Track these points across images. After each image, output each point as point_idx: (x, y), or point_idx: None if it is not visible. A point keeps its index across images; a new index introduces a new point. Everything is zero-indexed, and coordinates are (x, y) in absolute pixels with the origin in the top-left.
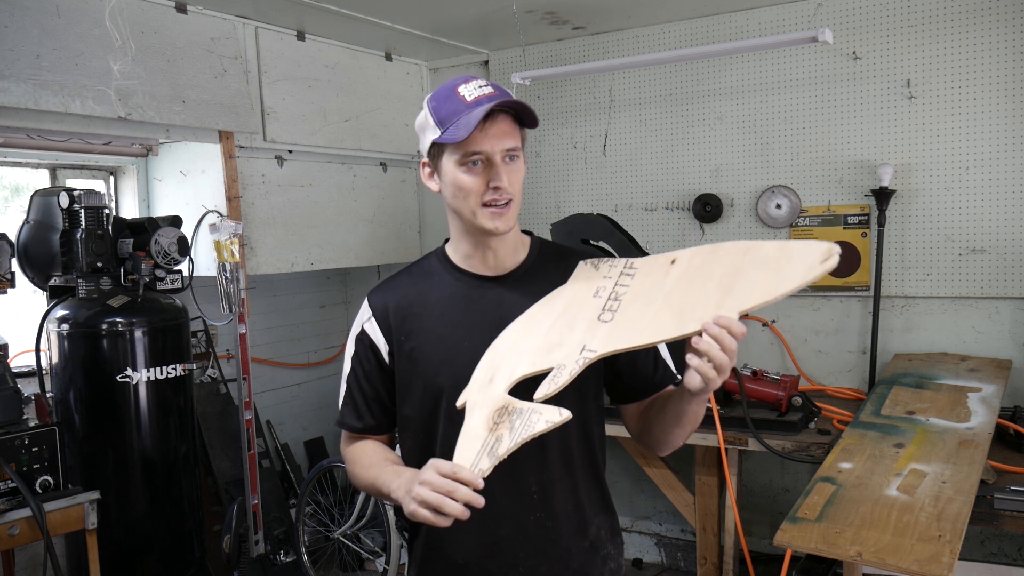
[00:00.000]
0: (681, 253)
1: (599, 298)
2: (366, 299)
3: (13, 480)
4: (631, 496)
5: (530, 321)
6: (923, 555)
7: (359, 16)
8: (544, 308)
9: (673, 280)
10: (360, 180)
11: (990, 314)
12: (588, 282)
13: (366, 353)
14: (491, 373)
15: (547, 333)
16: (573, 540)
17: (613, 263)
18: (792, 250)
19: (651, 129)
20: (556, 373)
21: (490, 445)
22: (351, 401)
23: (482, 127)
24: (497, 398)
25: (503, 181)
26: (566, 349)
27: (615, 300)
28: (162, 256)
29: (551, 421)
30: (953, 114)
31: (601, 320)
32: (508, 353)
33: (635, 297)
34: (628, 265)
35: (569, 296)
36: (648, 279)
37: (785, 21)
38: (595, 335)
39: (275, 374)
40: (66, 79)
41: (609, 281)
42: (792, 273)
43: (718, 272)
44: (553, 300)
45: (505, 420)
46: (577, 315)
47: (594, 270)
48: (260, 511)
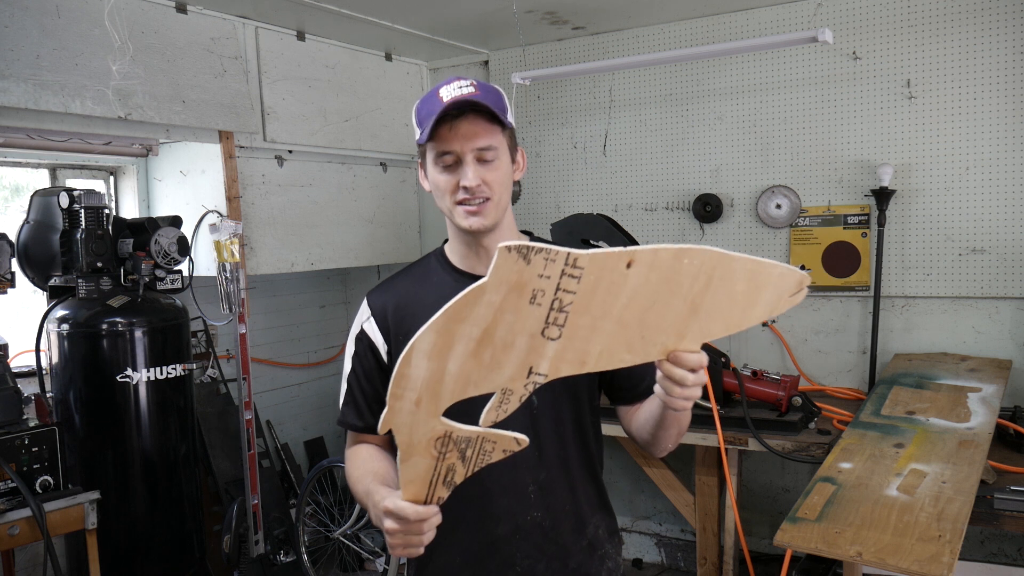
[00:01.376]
0: (639, 254)
1: (539, 306)
2: (365, 299)
3: (13, 480)
4: (631, 496)
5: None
6: (923, 555)
7: (359, 16)
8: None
9: (630, 292)
10: (360, 180)
11: (990, 314)
12: (518, 283)
13: (365, 353)
14: (413, 397)
15: (477, 350)
16: (571, 539)
17: (549, 255)
18: (767, 275)
19: (651, 129)
20: (503, 399)
21: (443, 475)
22: (352, 400)
23: (452, 126)
24: (433, 427)
25: (469, 180)
26: (508, 372)
27: (560, 311)
28: (162, 256)
29: (508, 450)
30: (953, 114)
31: (547, 336)
32: (429, 374)
33: (585, 309)
34: (570, 262)
35: (496, 303)
36: (600, 284)
37: (785, 21)
38: (542, 355)
39: (275, 374)
40: (66, 79)
41: (549, 283)
42: (762, 302)
43: (686, 286)
44: (472, 304)
45: (452, 448)
46: (513, 328)
47: (524, 264)
48: (260, 511)
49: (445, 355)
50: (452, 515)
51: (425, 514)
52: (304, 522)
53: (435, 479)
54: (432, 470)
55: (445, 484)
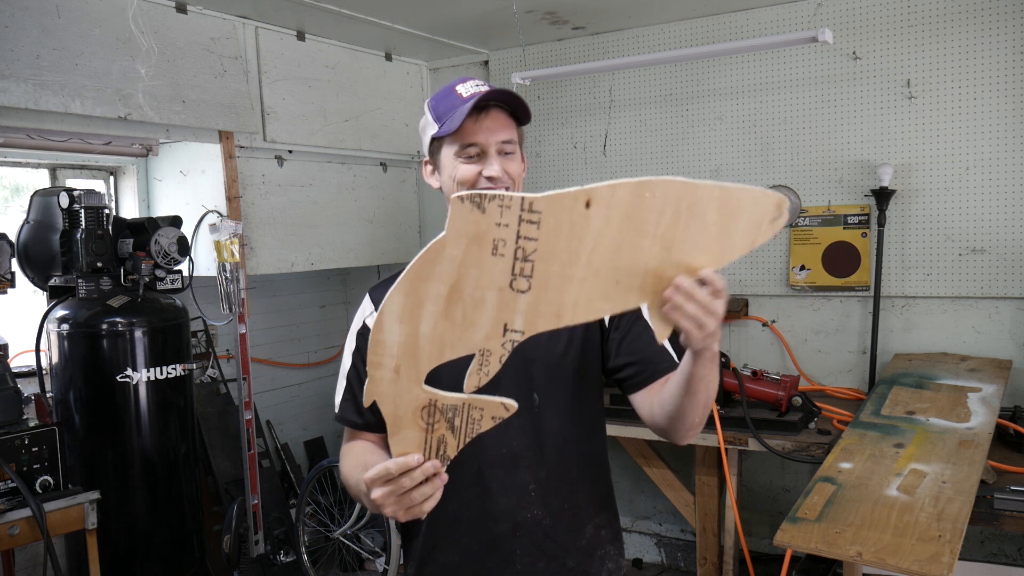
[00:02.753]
0: (596, 191)
1: (502, 257)
2: (367, 295)
3: (13, 480)
4: (631, 496)
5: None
6: (923, 555)
7: (359, 16)
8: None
9: (595, 234)
10: (360, 180)
11: (990, 314)
12: (476, 233)
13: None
14: (392, 365)
15: (447, 309)
16: (570, 538)
17: (504, 201)
18: (739, 202)
19: (651, 129)
20: (482, 361)
21: (435, 448)
22: (351, 396)
23: (476, 119)
24: (417, 395)
25: (495, 170)
26: (483, 330)
27: (525, 260)
28: (162, 256)
29: (497, 417)
30: (953, 114)
31: (515, 289)
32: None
33: (551, 255)
34: (526, 206)
35: (457, 257)
36: (561, 228)
37: (785, 21)
38: (515, 310)
39: (275, 374)
40: (66, 79)
41: (508, 231)
42: (739, 235)
43: (652, 222)
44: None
45: (439, 419)
46: (479, 282)
47: (479, 213)
48: (260, 511)
49: (417, 317)
50: (452, 513)
51: (407, 464)
52: (304, 522)
53: (427, 453)
54: (423, 443)
55: (440, 458)
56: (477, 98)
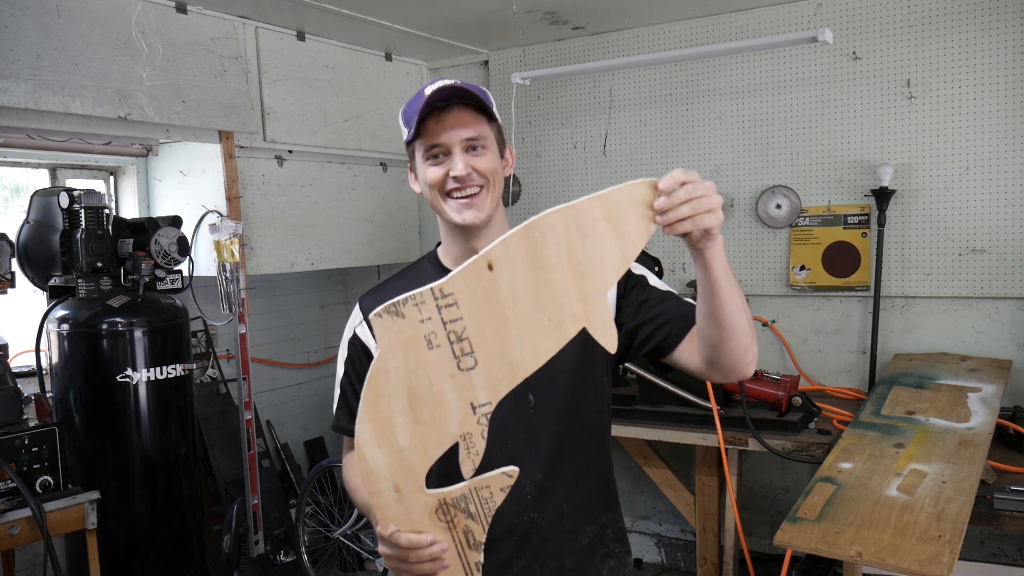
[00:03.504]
0: (491, 251)
1: (439, 347)
2: (357, 303)
3: (13, 480)
4: (631, 496)
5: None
6: (923, 555)
7: (359, 16)
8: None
9: (507, 287)
10: (360, 180)
11: (990, 314)
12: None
13: (359, 357)
14: (389, 487)
15: (414, 417)
16: (569, 538)
17: (416, 299)
18: (617, 202)
19: (651, 129)
20: (467, 445)
21: (464, 541)
22: (346, 405)
23: (438, 119)
24: (425, 502)
25: (459, 169)
26: (455, 419)
27: (460, 340)
28: (162, 256)
29: (505, 487)
30: (953, 114)
31: (464, 369)
32: (388, 460)
33: (481, 326)
34: (438, 294)
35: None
36: (476, 299)
37: (785, 21)
38: (474, 388)
39: (275, 374)
40: (66, 79)
41: (433, 323)
42: (633, 229)
43: (553, 257)
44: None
45: (456, 513)
46: (431, 379)
47: (400, 320)
48: (260, 511)
49: (391, 435)
50: None
51: (417, 543)
52: (304, 522)
53: (460, 549)
54: (452, 541)
55: (472, 547)
56: (429, 98)
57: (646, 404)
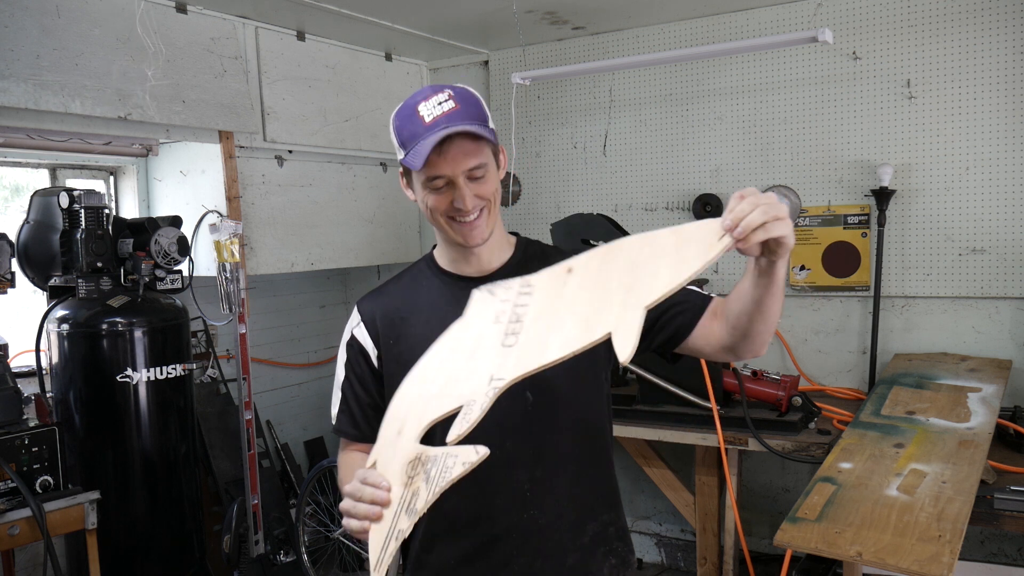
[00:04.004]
0: (576, 260)
1: (499, 323)
2: (356, 306)
3: (13, 480)
4: (631, 496)
5: (433, 362)
6: (923, 555)
7: (359, 16)
8: (443, 346)
9: (573, 289)
10: (360, 180)
11: (990, 314)
12: (486, 310)
13: (357, 359)
14: (398, 426)
15: (450, 372)
16: (568, 536)
17: (509, 284)
18: (688, 232)
19: (651, 129)
20: (467, 410)
21: (407, 501)
22: (347, 408)
23: (440, 150)
24: (407, 450)
25: (466, 204)
26: (473, 382)
27: (516, 322)
28: (162, 256)
29: (468, 462)
30: (953, 114)
31: (505, 346)
32: (414, 401)
33: (538, 315)
34: (524, 284)
35: (467, 328)
36: (547, 294)
37: (785, 21)
38: (502, 362)
39: (275, 374)
40: (66, 79)
41: (507, 304)
42: (691, 255)
43: (617, 272)
44: (451, 336)
45: (420, 471)
46: (479, 346)
47: (490, 296)
48: (260, 511)
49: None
50: (448, 513)
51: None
52: (304, 522)
53: (398, 509)
54: (398, 499)
55: (407, 512)
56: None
57: (646, 404)
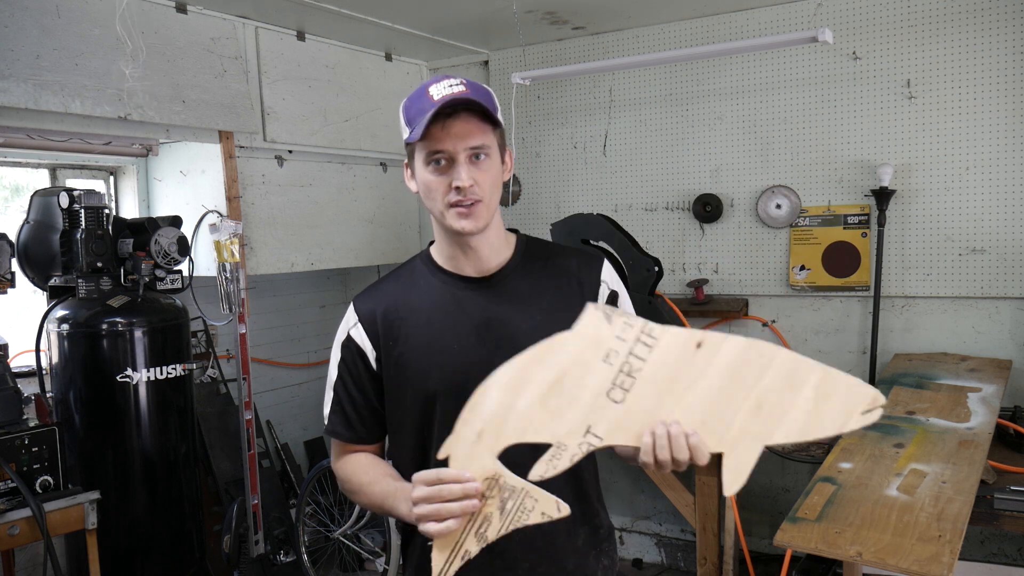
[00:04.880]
0: (708, 337)
1: (610, 366)
2: (352, 305)
3: (13, 480)
4: (631, 496)
5: (525, 370)
6: (923, 555)
7: (359, 16)
8: (542, 357)
9: (698, 372)
10: (360, 180)
11: (990, 314)
12: (597, 338)
13: (353, 359)
14: (477, 427)
15: (546, 395)
16: (568, 540)
17: (629, 320)
18: (836, 387)
19: (651, 129)
20: (555, 454)
21: (478, 523)
22: (340, 409)
23: (444, 125)
24: (487, 464)
25: (463, 180)
26: (567, 425)
27: (628, 375)
28: (162, 256)
29: (548, 515)
30: (953, 114)
31: (611, 398)
32: (497, 407)
33: (652, 380)
34: (646, 330)
35: (574, 353)
36: (668, 359)
37: (785, 21)
38: (602, 417)
39: (275, 374)
40: (66, 79)
41: (623, 345)
42: (829, 419)
43: (749, 382)
44: (554, 350)
45: (495, 495)
46: (582, 381)
47: (606, 323)
48: (260, 511)
49: (517, 392)
50: None
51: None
52: (304, 522)
53: (469, 525)
54: (468, 518)
55: (477, 535)
56: (436, 107)
57: None
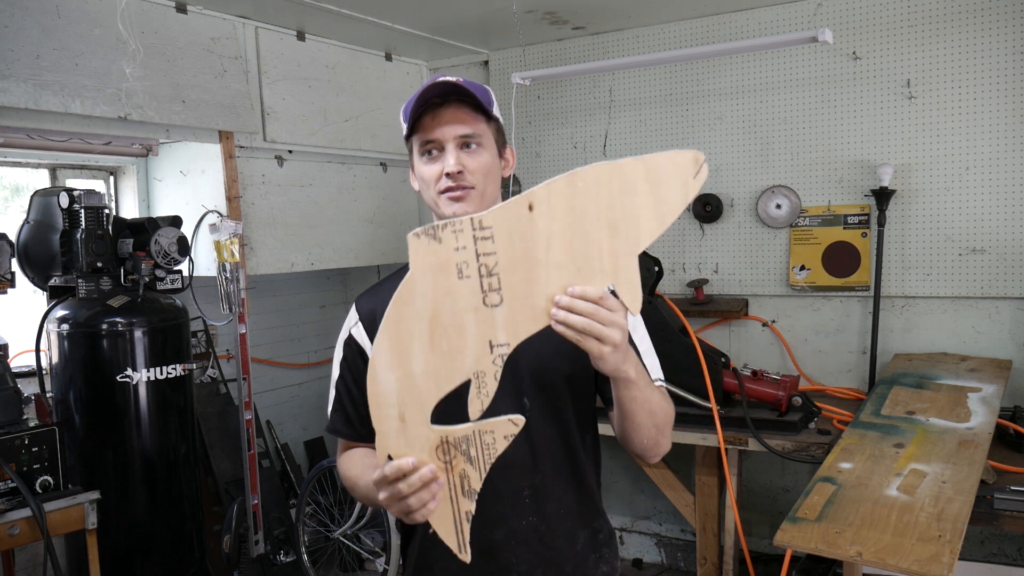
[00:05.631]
0: (535, 192)
1: (469, 279)
2: (353, 304)
3: (13, 480)
4: (631, 496)
5: (396, 336)
6: (923, 555)
7: (359, 16)
8: (402, 313)
9: (545, 230)
10: (360, 180)
11: (990, 314)
12: (438, 261)
13: (354, 358)
14: (395, 413)
15: (432, 342)
16: (566, 544)
17: (455, 226)
18: (659, 168)
19: (651, 129)
20: (479, 384)
21: (459, 486)
22: (341, 407)
23: (434, 115)
24: (424, 436)
25: (451, 166)
26: (471, 355)
27: (490, 276)
28: (162, 256)
29: (509, 434)
30: (953, 114)
31: (489, 305)
32: (398, 384)
33: (512, 264)
34: (476, 225)
35: (428, 288)
36: (513, 237)
37: (785, 21)
38: (494, 325)
39: (275, 374)
40: (66, 79)
41: (467, 253)
42: (673, 200)
43: (592, 210)
44: (408, 298)
45: (455, 454)
46: (455, 308)
47: (436, 243)
48: (260, 511)
49: (406, 359)
50: None
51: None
52: (304, 522)
53: (453, 494)
54: (447, 485)
55: (465, 494)
56: (424, 93)
57: None
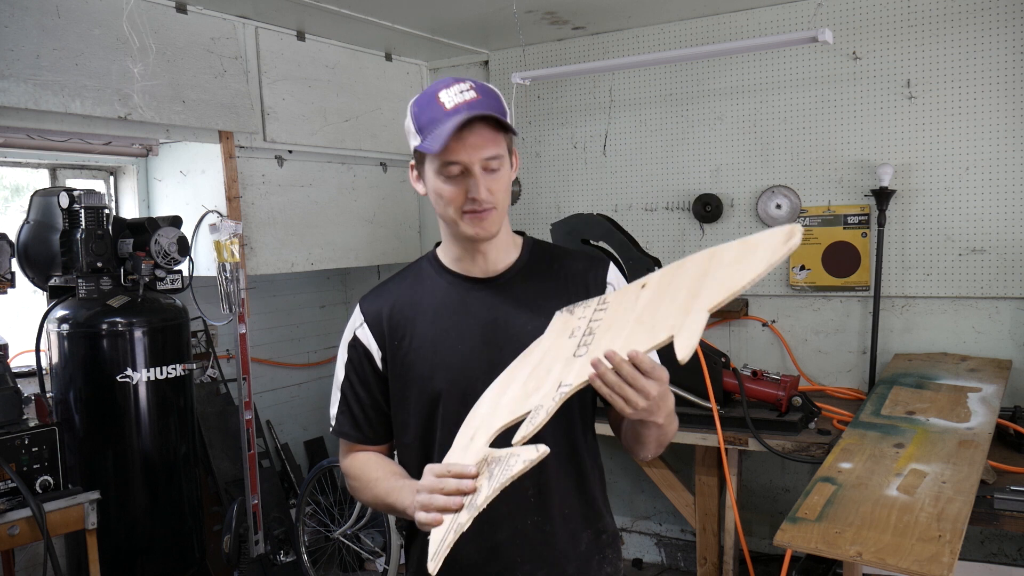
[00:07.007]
0: (651, 276)
1: (574, 338)
2: (358, 305)
3: (13, 480)
4: (631, 496)
5: (508, 377)
6: (923, 555)
7: (359, 16)
8: (522, 362)
9: (644, 302)
10: (360, 180)
11: (990, 314)
12: (564, 327)
13: (360, 360)
14: (471, 433)
15: (525, 383)
16: (570, 545)
17: (587, 303)
18: (755, 241)
19: (651, 129)
20: (533, 414)
21: (469, 498)
22: (347, 409)
23: (459, 136)
24: (477, 453)
25: (480, 192)
26: (543, 391)
27: (589, 335)
28: (162, 256)
29: (528, 460)
30: (953, 114)
31: (576, 356)
32: (488, 411)
33: (608, 327)
34: (601, 301)
35: (546, 346)
36: (620, 307)
37: (785, 21)
38: (570, 371)
39: (275, 374)
40: (66, 79)
41: (583, 320)
42: (757, 260)
43: (685, 283)
44: (530, 353)
45: (484, 471)
46: (554, 360)
47: (569, 315)
48: (260, 511)
49: (504, 392)
50: None
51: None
52: (304, 522)
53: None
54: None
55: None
56: (455, 122)
57: None
